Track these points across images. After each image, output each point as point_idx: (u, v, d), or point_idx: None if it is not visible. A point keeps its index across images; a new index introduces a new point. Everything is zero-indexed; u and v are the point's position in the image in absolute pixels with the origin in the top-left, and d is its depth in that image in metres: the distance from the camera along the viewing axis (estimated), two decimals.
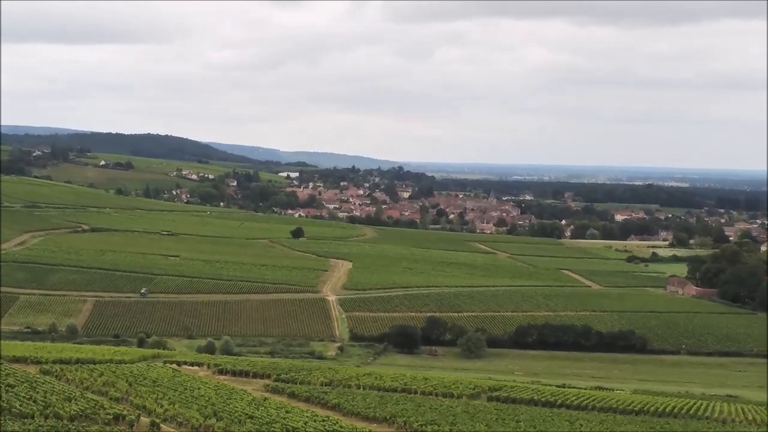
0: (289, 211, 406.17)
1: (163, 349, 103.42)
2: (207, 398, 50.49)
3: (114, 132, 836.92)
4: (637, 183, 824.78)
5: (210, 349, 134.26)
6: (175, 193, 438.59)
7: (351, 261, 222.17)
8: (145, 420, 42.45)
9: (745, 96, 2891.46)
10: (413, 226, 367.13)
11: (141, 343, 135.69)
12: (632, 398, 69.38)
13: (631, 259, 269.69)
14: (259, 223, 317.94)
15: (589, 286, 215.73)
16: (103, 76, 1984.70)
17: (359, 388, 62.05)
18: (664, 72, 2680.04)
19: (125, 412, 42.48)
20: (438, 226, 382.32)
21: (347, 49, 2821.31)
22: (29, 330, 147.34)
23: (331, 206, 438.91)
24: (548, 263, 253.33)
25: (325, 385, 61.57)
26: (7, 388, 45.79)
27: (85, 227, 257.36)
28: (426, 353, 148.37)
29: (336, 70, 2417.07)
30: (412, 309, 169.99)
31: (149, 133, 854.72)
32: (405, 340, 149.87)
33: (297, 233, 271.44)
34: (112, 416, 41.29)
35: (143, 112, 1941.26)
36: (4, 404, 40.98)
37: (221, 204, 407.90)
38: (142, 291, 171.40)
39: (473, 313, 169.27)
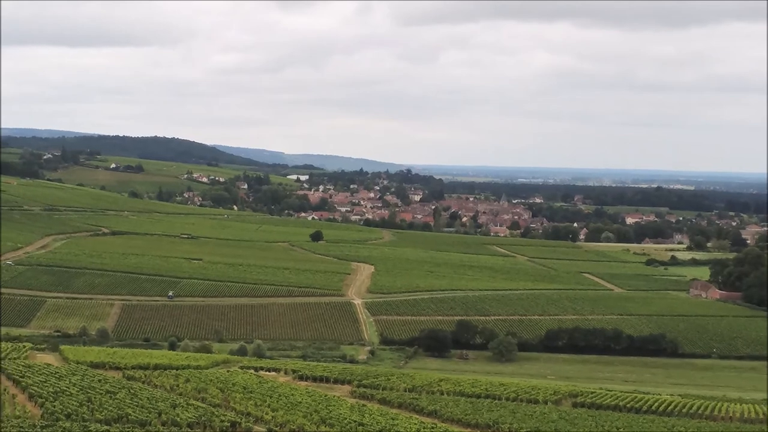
0: (302, 214, 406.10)
1: (208, 353, 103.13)
2: (306, 405, 49.96)
3: (121, 135, 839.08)
4: (642, 186, 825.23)
5: (242, 353, 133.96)
6: (187, 195, 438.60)
7: (372, 264, 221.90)
8: (259, 429, 42.01)
9: (751, 99, 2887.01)
10: (427, 229, 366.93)
11: (172, 347, 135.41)
12: (712, 404, 68.96)
13: (650, 262, 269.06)
14: (277, 226, 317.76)
15: (611, 290, 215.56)
16: (107, 80, 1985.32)
17: (442, 394, 61.72)
18: (669, 75, 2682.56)
19: (238, 419, 42.20)
20: (452, 229, 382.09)
21: (352, 52, 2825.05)
22: (59, 333, 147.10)
23: (343, 209, 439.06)
24: (568, 266, 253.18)
25: (409, 391, 61.29)
26: (108, 394, 45.47)
27: (105, 230, 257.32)
28: (456, 357, 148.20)
29: (341, 74, 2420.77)
30: (439, 312, 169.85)
31: (156, 136, 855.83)
32: (435, 344, 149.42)
33: (316, 236, 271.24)
34: (229, 424, 41.03)
35: (148, 116, 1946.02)
36: (117, 411, 40.63)
37: (234, 207, 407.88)
38: (170, 294, 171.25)
39: (500, 317, 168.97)
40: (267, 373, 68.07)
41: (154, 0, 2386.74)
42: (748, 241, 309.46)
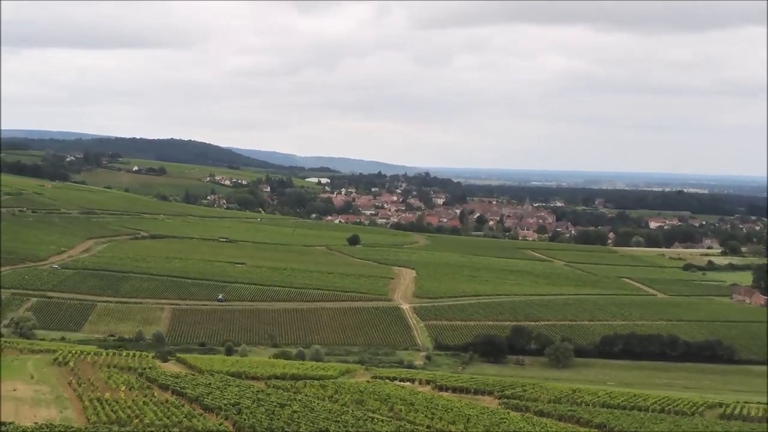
0: (328, 218, 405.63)
1: (286, 359, 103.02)
2: (475, 418, 49.70)
3: (138, 137, 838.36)
4: (656, 189, 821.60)
5: (301, 358, 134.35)
6: (211, 198, 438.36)
7: (413, 269, 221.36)
8: None
9: (761, 101, 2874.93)
10: (456, 233, 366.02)
11: (229, 352, 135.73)
12: None
13: (688, 267, 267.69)
14: (311, 230, 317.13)
15: (654, 295, 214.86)
16: (116, 82, 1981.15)
17: (587, 405, 61.39)
18: (683, 79, 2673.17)
19: None
20: (480, 233, 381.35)
21: (367, 55, 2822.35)
22: (114, 338, 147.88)
23: (368, 212, 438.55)
24: (606, 271, 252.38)
25: (554, 402, 60.99)
26: (283, 407, 45.16)
27: (144, 234, 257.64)
28: (513, 362, 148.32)
29: (354, 77, 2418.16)
30: (488, 318, 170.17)
31: (173, 138, 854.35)
32: (491, 350, 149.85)
33: (353, 240, 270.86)
34: None
35: (150, 117, 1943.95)
36: (313, 425, 40.38)
37: (260, 210, 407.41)
38: (219, 297, 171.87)
39: (550, 322, 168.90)
40: (402, 383, 67.81)
41: (165, 0, 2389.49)
42: None
